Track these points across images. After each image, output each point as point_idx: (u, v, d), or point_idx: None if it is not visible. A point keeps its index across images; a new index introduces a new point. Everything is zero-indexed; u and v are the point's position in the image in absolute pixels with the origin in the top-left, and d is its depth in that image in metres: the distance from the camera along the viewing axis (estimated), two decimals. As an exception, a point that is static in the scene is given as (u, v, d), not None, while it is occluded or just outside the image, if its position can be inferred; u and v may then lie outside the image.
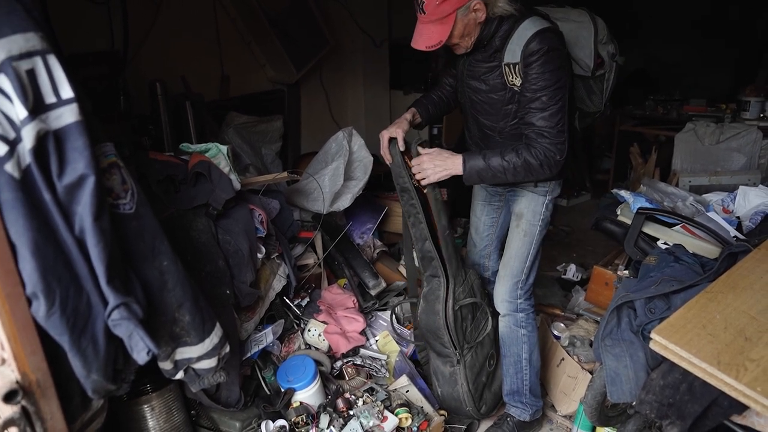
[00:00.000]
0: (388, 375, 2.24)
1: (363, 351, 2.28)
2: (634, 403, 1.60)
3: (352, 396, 1.99)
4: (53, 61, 1.03)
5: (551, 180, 1.92)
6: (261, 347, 2.02)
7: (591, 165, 5.10)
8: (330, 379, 2.13)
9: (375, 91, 4.28)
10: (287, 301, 2.29)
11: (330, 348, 2.21)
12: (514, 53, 1.69)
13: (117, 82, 2.59)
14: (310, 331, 2.22)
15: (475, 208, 2.24)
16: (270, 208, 2.26)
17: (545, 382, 2.33)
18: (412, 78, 4.33)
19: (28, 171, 1.02)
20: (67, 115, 1.05)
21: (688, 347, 1.30)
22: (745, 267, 1.63)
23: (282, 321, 2.17)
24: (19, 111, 0.99)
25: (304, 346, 2.22)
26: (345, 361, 2.21)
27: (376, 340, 2.35)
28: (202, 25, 3.15)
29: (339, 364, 2.20)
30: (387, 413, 1.91)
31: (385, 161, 1.95)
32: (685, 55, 5.21)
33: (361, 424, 1.85)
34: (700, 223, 2.18)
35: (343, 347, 2.19)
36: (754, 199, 2.43)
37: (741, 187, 2.53)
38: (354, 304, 2.37)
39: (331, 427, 1.85)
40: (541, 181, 1.90)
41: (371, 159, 2.67)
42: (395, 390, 2.09)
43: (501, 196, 2.15)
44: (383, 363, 2.25)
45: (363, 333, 2.29)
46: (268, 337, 2.05)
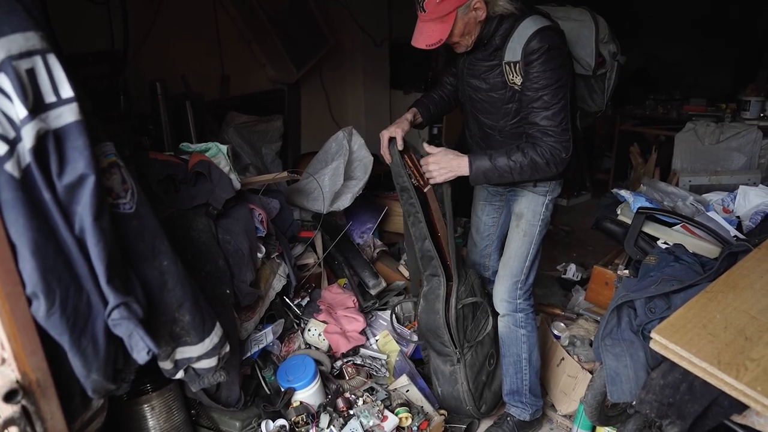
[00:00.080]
0: (388, 374, 2.24)
1: (363, 350, 2.28)
2: (634, 402, 1.60)
3: (352, 395, 1.99)
4: (53, 60, 1.03)
5: (553, 180, 1.92)
6: (261, 347, 2.02)
7: (591, 164, 5.10)
8: (330, 378, 2.13)
9: (375, 91, 4.27)
10: (287, 300, 2.29)
11: (330, 347, 2.21)
12: (514, 52, 1.69)
13: (117, 82, 2.59)
14: (310, 330, 2.22)
15: (476, 207, 2.24)
16: (270, 208, 2.26)
17: (545, 381, 2.33)
18: (412, 77, 4.33)
19: (28, 170, 1.02)
20: (67, 115, 1.05)
21: (688, 347, 1.30)
22: (746, 266, 1.63)
23: (282, 320, 2.17)
24: (18, 110, 0.99)
25: (304, 346, 2.22)
26: (345, 360, 2.21)
27: (376, 340, 2.35)
28: (203, 25, 3.15)
29: (339, 363, 2.19)
30: (387, 413, 1.91)
31: (385, 160, 1.95)
32: (685, 55, 5.20)
33: (361, 423, 1.85)
34: (700, 222, 2.18)
35: (343, 347, 2.19)
36: (754, 199, 2.43)
37: (741, 186, 2.53)
38: (354, 304, 2.37)
39: (331, 426, 1.85)
40: (541, 180, 1.90)
41: (371, 158, 2.67)
42: (395, 389, 2.09)
43: (502, 195, 2.15)
44: (383, 362, 2.25)
45: (363, 332, 2.29)
46: (268, 336, 2.05)
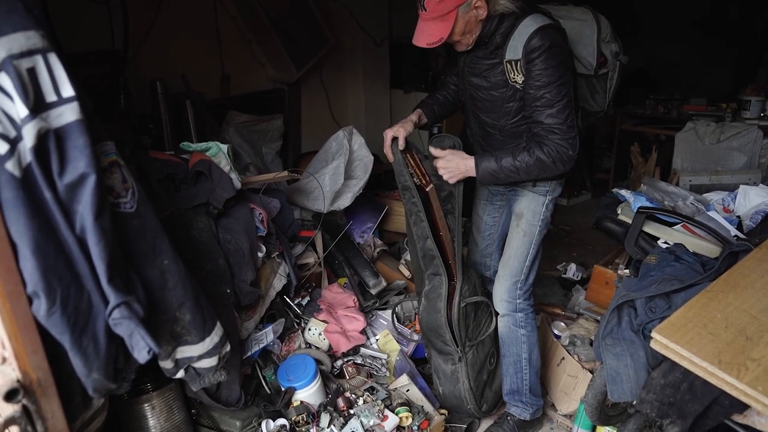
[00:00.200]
0: (388, 374, 2.24)
1: (363, 350, 2.28)
2: (635, 402, 1.60)
3: (353, 395, 1.99)
4: (54, 59, 1.03)
5: (553, 179, 1.92)
6: (261, 346, 2.02)
7: (591, 164, 5.10)
8: (330, 378, 2.13)
9: (375, 90, 4.27)
10: (288, 300, 2.29)
11: (330, 347, 2.21)
12: (515, 50, 1.69)
13: (117, 81, 2.58)
14: (310, 330, 2.22)
15: (477, 207, 2.24)
16: (270, 207, 2.26)
17: (546, 381, 2.33)
18: (412, 77, 4.33)
19: (29, 170, 1.02)
20: (68, 114, 1.05)
21: (689, 346, 1.30)
22: (746, 266, 1.63)
23: (282, 320, 2.17)
24: (19, 109, 0.99)
25: (304, 345, 2.22)
26: (345, 360, 2.21)
27: (377, 339, 2.35)
28: (203, 24, 3.15)
29: (339, 363, 2.19)
30: (387, 412, 1.91)
31: (388, 159, 1.96)
32: (685, 55, 5.20)
33: (361, 423, 1.85)
34: (700, 222, 2.18)
35: (343, 346, 2.19)
36: (755, 199, 2.43)
37: (741, 186, 2.53)
38: (354, 303, 2.37)
39: (332, 426, 1.85)
40: (543, 180, 1.90)
41: (371, 158, 2.67)
42: (396, 389, 2.09)
43: (503, 195, 2.15)
44: (384, 362, 2.25)
45: (363, 332, 2.29)
46: (268, 336, 2.05)
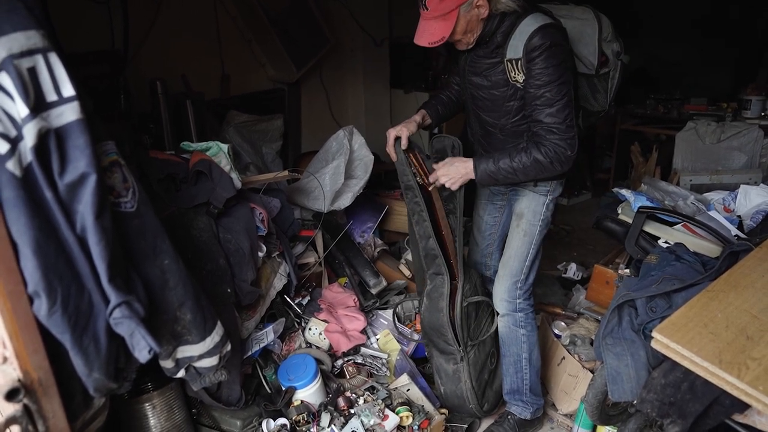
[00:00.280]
0: (388, 374, 2.24)
1: (364, 350, 2.28)
2: (635, 401, 1.60)
3: (353, 395, 1.99)
4: (54, 59, 1.03)
5: (554, 179, 1.92)
6: (262, 346, 2.02)
7: (592, 164, 5.10)
8: (331, 377, 2.13)
9: (375, 90, 4.27)
10: (288, 299, 2.29)
11: (331, 347, 2.21)
12: (516, 49, 1.69)
13: (117, 81, 2.59)
14: (310, 329, 2.22)
15: (477, 206, 2.24)
16: (271, 207, 2.25)
17: (546, 380, 2.33)
18: (412, 77, 4.33)
19: (29, 169, 1.02)
20: (69, 113, 1.05)
21: (689, 346, 1.30)
22: (747, 266, 1.62)
23: (283, 319, 2.17)
24: (20, 109, 0.99)
25: (304, 345, 2.22)
26: (346, 359, 2.21)
27: (377, 339, 2.35)
28: (203, 24, 3.15)
29: (340, 362, 2.19)
30: (388, 412, 1.91)
31: (391, 159, 1.97)
32: (685, 55, 5.20)
33: (362, 422, 1.85)
34: (701, 221, 2.18)
35: (343, 346, 2.19)
36: (755, 198, 2.43)
37: (742, 185, 2.53)
38: (355, 303, 2.37)
39: (332, 425, 1.85)
40: (542, 180, 1.90)
41: (372, 158, 2.67)
42: (396, 388, 2.09)
43: (504, 195, 2.15)
44: (384, 361, 2.25)
45: (364, 331, 2.29)
46: (269, 335, 2.05)
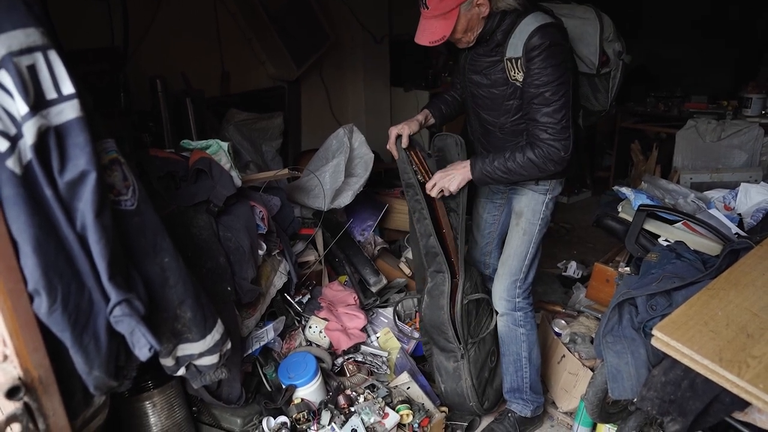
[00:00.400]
0: (389, 372, 2.24)
1: (364, 348, 2.28)
2: (636, 399, 1.60)
3: (353, 393, 1.99)
4: (54, 56, 1.03)
5: (554, 178, 1.92)
6: (262, 344, 2.02)
7: (592, 162, 5.10)
8: (331, 375, 2.13)
9: (375, 88, 4.27)
10: (288, 298, 2.29)
11: (331, 345, 2.21)
12: (516, 48, 1.68)
13: (117, 79, 2.58)
14: (311, 327, 2.23)
15: (477, 205, 2.24)
16: (271, 205, 2.25)
17: (546, 379, 2.33)
18: (412, 74, 4.32)
19: (29, 167, 1.02)
20: (68, 111, 1.05)
21: (689, 344, 1.29)
22: (747, 264, 1.62)
23: (283, 318, 2.17)
24: (20, 107, 0.98)
25: (305, 343, 2.22)
26: (346, 357, 2.21)
27: (377, 337, 2.35)
28: (203, 22, 3.14)
29: (340, 360, 2.19)
30: (388, 410, 1.91)
31: (393, 156, 1.98)
32: (686, 55, 5.19)
33: (362, 420, 1.85)
34: (701, 220, 2.18)
35: (344, 344, 2.19)
36: (756, 196, 2.43)
37: (742, 184, 2.53)
38: (355, 301, 2.37)
39: (333, 423, 1.85)
40: (542, 179, 1.90)
41: (372, 156, 2.67)
42: (396, 387, 2.09)
43: (503, 193, 2.15)
44: (384, 360, 2.25)
45: (364, 330, 2.29)
46: (269, 333, 2.05)
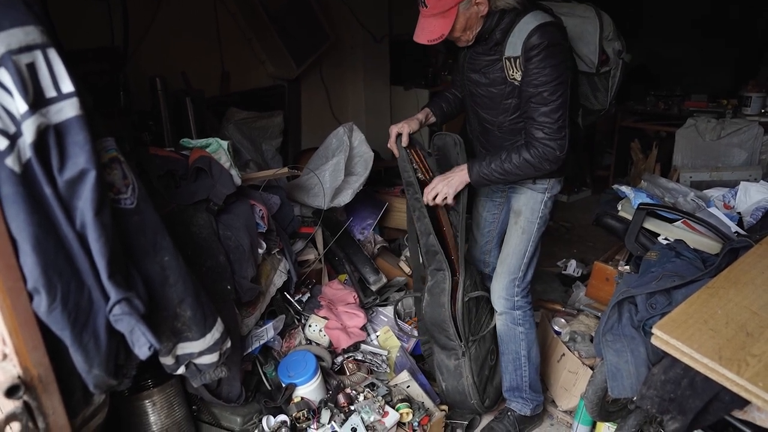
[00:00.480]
0: (389, 370, 2.24)
1: (364, 346, 2.28)
2: (635, 398, 1.60)
3: (353, 391, 1.99)
4: (53, 55, 1.03)
5: (552, 177, 1.92)
6: (262, 342, 2.02)
7: (592, 161, 5.10)
8: (331, 374, 2.13)
9: (375, 87, 4.26)
10: (288, 296, 2.29)
11: (331, 343, 2.21)
12: (515, 47, 1.68)
13: (117, 78, 2.57)
14: (310, 326, 2.23)
15: (476, 204, 2.24)
16: (271, 204, 2.25)
17: (546, 377, 2.33)
18: (412, 73, 4.32)
19: (28, 165, 1.01)
20: (68, 110, 1.04)
21: (689, 342, 1.29)
22: (747, 262, 1.62)
23: (283, 316, 2.17)
24: (19, 105, 0.98)
25: (304, 342, 2.22)
26: (346, 356, 2.21)
27: (377, 336, 2.35)
28: (202, 21, 3.14)
29: (340, 359, 2.20)
30: (388, 408, 1.91)
31: (394, 155, 1.99)
32: (686, 54, 5.19)
33: (362, 419, 1.85)
34: (701, 218, 2.18)
35: (343, 343, 2.19)
36: (755, 195, 2.43)
37: (742, 182, 2.53)
38: (355, 300, 2.37)
39: (332, 422, 1.85)
40: (540, 178, 1.90)
41: (372, 154, 2.67)
42: (396, 385, 2.09)
43: (503, 192, 2.15)
44: (384, 358, 2.25)
45: (364, 328, 2.29)
46: (269, 332, 2.05)
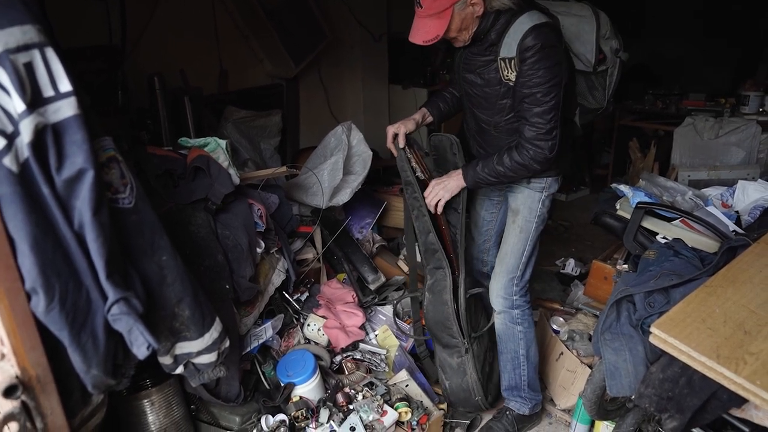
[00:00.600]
0: (387, 369, 2.24)
1: (362, 345, 2.28)
2: (633, 396, 1.60)
3: (352, 390, 1.99)
4: (51, 54, 1.02)
5: (549, 176, 1.92)
6: (260, 342, 2.02)
7: (590, 160, 5.10)
8: (329, 373, 2.13)
9: (374, 86, 4.26)
10: (286, 295, 2.29)
11: (329, 342, 2.21)
12: (509, 48, 1.68)
13: (115, 76, 2.57)
14: (309, 325, 2.23)
15: (475, 203, 2.24)
16: (269, 203, 2.25)
17: (544, 376, 2.34)
18: (410, 72, 4.32)
19: (26, 165, 1.01)
20: (66, 109, 1.04)
21: (687, 341, 1.30)
22: (745, 261, 1.62)
23: (281, 316, 2.17)
24: (17, 104, 0.98)
25: (303, 341, 2.22)
26: (344, 355, 2.21)
27: (376, 335, 2.35)
28: (200, 20, 3.14)
29: (338, 358, 2.20)
30: (386, 407, 1.92)
31: (393, 154, 2.00)
32: (689, 54, 5.19)
33: (360, 418, 1.85)
34: (699, 217, 2.18)
35: (342, 342, 2.19)
36: (753, 194, 2.43)
37: (740, 181, 2.53)
38: (353, 299, 2.37)
39: (331, 421, 1.85)
40: (536, 177, 1.90)
41: (370, 153, 2.66)
42: (395, 384, 2.09)
43: (500, 191, 2.15)
44: (383, 357, 2.25)
45: (362, 327, 2.29)
46: (267, 331, 2.05)
